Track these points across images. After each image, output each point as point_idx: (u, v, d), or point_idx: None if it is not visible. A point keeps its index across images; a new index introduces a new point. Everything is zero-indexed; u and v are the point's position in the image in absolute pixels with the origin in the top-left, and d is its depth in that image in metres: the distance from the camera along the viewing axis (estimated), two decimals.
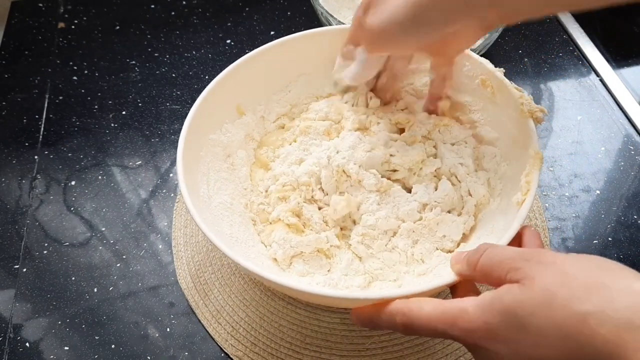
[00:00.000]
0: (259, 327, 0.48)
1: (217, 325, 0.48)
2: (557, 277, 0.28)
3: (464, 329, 0.31)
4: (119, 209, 0.57)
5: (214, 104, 0.49)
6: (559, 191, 0.57)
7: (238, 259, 0.38)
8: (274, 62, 0.53)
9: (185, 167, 0.44)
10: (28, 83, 0.69)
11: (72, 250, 0.54)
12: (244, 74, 0.51)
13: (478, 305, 0.30)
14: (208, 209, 0.45)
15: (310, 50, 0.54)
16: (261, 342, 0.47)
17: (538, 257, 0.30)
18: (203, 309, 0.49)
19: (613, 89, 0.65)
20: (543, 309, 0.27)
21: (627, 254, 0.52)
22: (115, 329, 0.49)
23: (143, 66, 0.70)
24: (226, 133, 0.51)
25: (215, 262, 0.52)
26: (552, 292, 0.27)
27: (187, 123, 0.46)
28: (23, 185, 0.59)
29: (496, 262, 0.32)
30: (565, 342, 0.26)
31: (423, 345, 0.46)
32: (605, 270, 0.28)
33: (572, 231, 0.54)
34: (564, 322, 0.26)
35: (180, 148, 0.45)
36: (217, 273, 0.51)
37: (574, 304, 0.26)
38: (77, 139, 0.63)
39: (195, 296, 0.50)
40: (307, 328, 0.48)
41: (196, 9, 0.77)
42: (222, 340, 0.47)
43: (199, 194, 0.45)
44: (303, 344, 0.47)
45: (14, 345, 0.48)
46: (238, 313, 0.49)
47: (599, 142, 0.61)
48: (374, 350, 0.46)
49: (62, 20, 0.76)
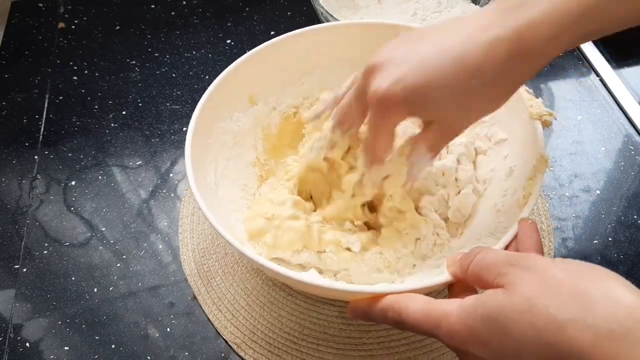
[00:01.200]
0: (259, 316, 0.48)
1: (217, 312, 0.49)
2: (541, 283, 0.28)
3: (447, 332, 0.31)
4: (119, 209, 0.57)
5: (227, 92, 0.49)
6: (559, 191, 0.57)
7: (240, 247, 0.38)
8: (289, 53, 0.53)
9: (193, 154, 0.44)
10: (28, 83, 0.69)
11: (72, 250, 0.54)
12: (258, 63, 0.51)
13: (462, 308, 0.30)
14: (215, 197, 0.46)
15: (326, 44, 0.54)
16: (259, 331, 0.48)
17: (524, 262, 0.30)
18: (205, 295, 0.50)
19: (613, 89, 0.65)
20: (524, 315, 0.27)
21: (627, 254, 0.52)
22: (116, 329, 0.49)
23: (143, 66, 0.70)
24: (237, 122, 0.52)
25: (220, 250, 0.53)
26: (533, 298, 0.27)
27: (197, 111, 0.46)
28: (23, 185, 0.59)
29: (484, 267, 0.32)
30: (546, 349, 0.26)
31: (420, 342, 0.46)
32: (589, 277, 0.28)
33: (572, 231, 0.54)
34: (544, 330, 0.26)
35: (190, 135, 0.45)
36: (221, 261, 0.52)
37: (554, 311, 0.26)
38: (77, 139, 0.63)
39: (198, 282, 0.51)
40: (306, 319, 0.48)
41: (196, 9, 0.77)
42: (221, 327, 0.48)
43: (206, 181, 0.46)
44: (301, 335, 0.47)
45: (14, 345, 0.48)
46: (239, 301, 0.49)
47: (599, 142, 0.61)
48: (370, 345, 0.46)
49: (62, 20, 0.76)
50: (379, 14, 0.69)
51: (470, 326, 0.29)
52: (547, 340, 0.26)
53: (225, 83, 0.49)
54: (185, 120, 0.64)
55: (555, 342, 0.26)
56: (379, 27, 0.53)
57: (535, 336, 0.27)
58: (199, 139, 0.46)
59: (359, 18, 0.69)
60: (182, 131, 0.63)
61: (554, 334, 0.26)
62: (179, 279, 0.52)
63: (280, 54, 0.52)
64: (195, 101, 0.48)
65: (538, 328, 0.26)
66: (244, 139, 0.52)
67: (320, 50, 0.54)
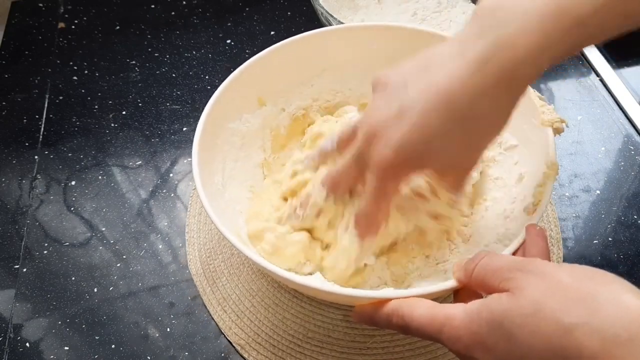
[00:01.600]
0: (263, 318, 0.48)
1: (222, 313, 0.49)
2: (547, 287, 0.28)
3: (451, 337, 0.30)
4: (119, 209, 0.57)
5: (235, 93, 0.50)
6: (559, 191, 0.57)
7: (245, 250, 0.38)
8: (298, 55, 0.53)
9: (200, 154, 0.44)
10: (28, 83, 0.69)
11: (72, 250, 0.54)
12: (268, 65, 0.51)
13: (466, 313, 0.30)
14: (222, 198, 0.46)
15: (336, 47, 0.54)
16: (264, 332, 0.48)
17: (530, 266, 0.30)
18: (210, 295, 0.50)
19: (613, 89, 0.65)
20: (530, 319, 0.27)
21: (627, 254, 0.52)
22: (116, 329, 0.49)
23: (143, 66, 0.70)
24: (245, 123, 0.52)
25: (226, 250, 0.53)
26: (540, 303, 0.27)
27: (206, 111, 0.46)
28: (23, 185, 0.59)
29: (489, 271, 0.32)
30: (552, 354, 0.26)
31: (425, 348, 0.46)
32: (596, 281, 0.27)
33: (572, 231, 0.54)
34: (550, 334, 0.26)
35: (197, 136, 0.45)
36: (227, 262, 0.52)
37: (560, 315, 0.26)
38: (77, 139, 0.63)
39: (203, 282, 0.51)
40: (310, 322, 0.48)
41: (196, 9, 0.77)
42: (226, 328, 0.48)
43: (213, 182, 0.46)
44: (305, 338, 0.47)
45: (14, 345, 0.48)
46: (244, 302, 0.49)
47: (599, 142, 0.61)
48: (374, 349, 0.46)
49: (62, 20, 0.76)
50: (379, 14, 0.69)
51: (474, 331, 0.29)
52: (554, 344, 0.26)
53: (234, 84, 0.49)
54: (185, 120, 0.64)
55: (562, 347, 0.26)
56: (386, 29, 0.53)
57: (542, 340, 0.26)
58: (207, 139, 0.46)
59: (360, 18, 0.69)
60: (182, 131, 0.63)
61: (560, 338, 0.26)
62: (179, 279, 0.52)
63: (290, 56, 0.53)
64: (196, 101, 0.48)
65: (544, 332, 0.26)
66: (252, 140, 0.52)
67: (329, 52, 0.54)
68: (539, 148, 0.44)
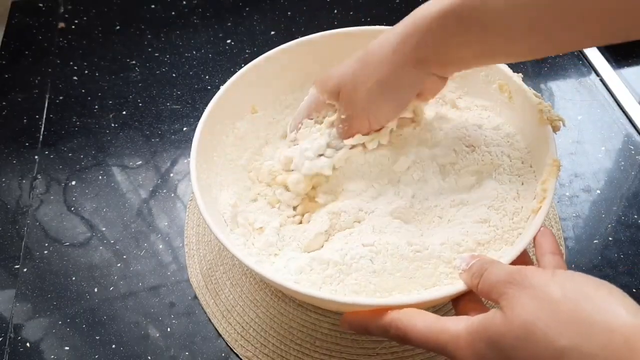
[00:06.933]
0: (269, 329, 0.48)
1: (227, 325, 0.48)
2: (538, 305, 0.28)
3: (454, 355, 0.31)
4: (119, 209, 0.57)
5: (230, 103, 0.50)
6: (559, 191, 0.57)
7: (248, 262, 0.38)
8: (293, 62, 0.53)
9: (198, 167, 0.44)
10: (28, 83, 0.69)
11: (73, 250, 0.54)
12: (263, 72, 0.51)
13: (469, 332, 0.31)
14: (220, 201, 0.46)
15: (330, 51, 0.53)
16: (271, 344, 0.47)
17: (522, 279, 0.30)
18: (213, 307, 0.49)
19: (613, 89, 0.65)
20: (523, 343, 0.28)
21: (628, 254, 0.52)
22: (116, 329, 0.49)
23: (143, 66, 0.70)
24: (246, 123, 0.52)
25: (227, 261, 0.52)
26: (530, 324, 0.28)
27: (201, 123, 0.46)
28: (23, 185, 0.59)
29: (490, 286, 0.32)
30: None
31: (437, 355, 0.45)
32: (589, 295, 0.28)
33: (573, 231, 0.54)
34: (543, 357, 0.27)
35: (195, 147, 0.45)
36: (229, 273, 0.51)
37: (551, 338, 0.27)
38: (77, 139, 0.63)
39: (206, 295, 0.50)
40: (317, 331, 0.47)
41: (196, 9, 0.77)
42: (231, 340, 0.47)
43: (210, 194, 0.46)
44: (313, 347, 0.47)
45: (15, 345, 0.48)
46: (248, 313, 0.49)
47: (599, 142, 0.61)
48: (384, 355, 0.46)
49: (62, 20, 0.76)
50: None
51: (477, 352, 0.30)
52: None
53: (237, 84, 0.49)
54: (185, 120, 0.64)
55: None
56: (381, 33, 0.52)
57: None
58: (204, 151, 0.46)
59: None
60: (182, 131, 0.63)
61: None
62: (179, 279, 0.52)
63: (284, 63, 0.52)
64: (195, 101, 0.48)
65: (538, 356, 0.27)
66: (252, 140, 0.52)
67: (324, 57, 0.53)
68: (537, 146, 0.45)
